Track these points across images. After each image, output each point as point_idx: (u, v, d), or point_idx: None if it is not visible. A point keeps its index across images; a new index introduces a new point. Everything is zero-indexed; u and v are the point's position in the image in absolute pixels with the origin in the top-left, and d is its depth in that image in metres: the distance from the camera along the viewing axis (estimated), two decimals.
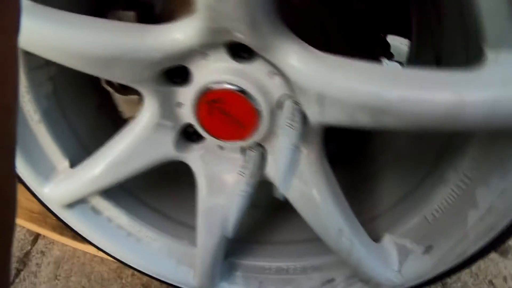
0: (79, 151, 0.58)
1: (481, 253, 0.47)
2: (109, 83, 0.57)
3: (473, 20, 0.33)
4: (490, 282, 0.79)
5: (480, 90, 0.33)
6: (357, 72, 0.37)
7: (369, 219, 0.58)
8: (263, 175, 0.51)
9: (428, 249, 0.50)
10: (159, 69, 0.43)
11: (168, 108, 0.49)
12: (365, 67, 0.37)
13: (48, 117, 0.54)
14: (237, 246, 0.65)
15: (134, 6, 0.52)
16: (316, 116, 0.41)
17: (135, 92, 0.56)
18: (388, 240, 0.54)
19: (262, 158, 0.51)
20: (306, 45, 0.39)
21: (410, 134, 0.60)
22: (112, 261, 0.78)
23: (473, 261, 0.48)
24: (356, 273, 0.54)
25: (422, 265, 0.50)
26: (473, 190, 0.44)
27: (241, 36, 0.37)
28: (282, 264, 0.62)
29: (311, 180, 0.47)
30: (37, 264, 0.76)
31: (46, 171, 0.56)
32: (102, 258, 0.79)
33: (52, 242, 0.79)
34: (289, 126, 0.40)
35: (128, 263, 0.64)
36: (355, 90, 0.37)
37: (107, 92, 0.59)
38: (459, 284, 0.79)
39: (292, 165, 0.38)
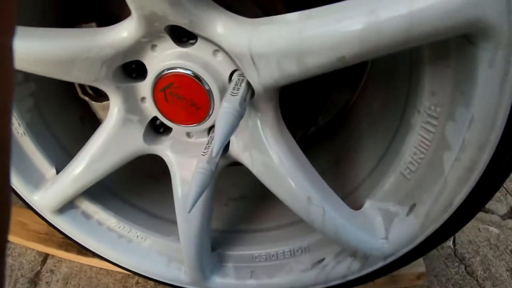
0: (65, 158, 0.62)
1: (470, 202, 0.43)
2: (85, 93, 0.61)
3: None
4: None
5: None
6: (273, 23, 0.38)
7: (352, 191, 0.57)
8: (228, 155, 0.52)
9: (412, 208, 0.48)
10: (114, 66, 0.47)
11: (132, 103, 0.52)
12: (279, 18, 0.38)
13: (31, 130, 0.58)
14: (225, 237, 0.65)
15: (95, 17, 0.56)
16: (257, 78, 0.42)
17: (108, 98, 0.60)
18: (369, 207, 0.52)
19: None
20: (228, 12, 0.41)
21: (381, 98, 0.59)
22: (117, 272, 0.80)
23: (464, 216, 0.45)
24: (342, 247, 0.53)
25: (409, 227, 0.48)
26: (441, 130, 0.42)
27: (170, 17, 0.40)
28: (271, 250, 0.61)
29: (270, 149, 0.48)
30: (47, 282, 0.79)
31: (35, 180, 0.60)
32: (107, 271, 0.81)
33: (60, 260, 0.83)
34: (231, 94, 0.42)
35: (122, 265, 0.65)
36: (275, 40, 0.37)
37: (87, 103, 0.63)
38: (478, 258, 0.73)
39: (232, 129, 0.39)
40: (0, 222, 0.20)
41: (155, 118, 0.54)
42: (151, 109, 0.52)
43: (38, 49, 0.45)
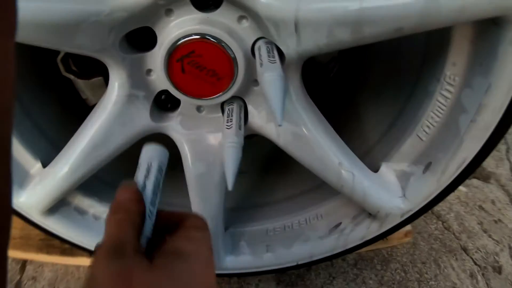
0: (49, 149, 0.54)
1: (480, 157, 0.47)
2: (69, 70, 0.53)
3: None
4: (480, 207, 0.82)
5: None
6: None
7: (364, 153, 0.58)
8: (247, 127, 0.49)
9: (427, 167, 0.50)
10: (123, 33, 0.41)
11: (138, 77, 0.46)
12: None
13: None
14: (235, 215, 0.63)
15: None
16: (295, 46, 0.40)
17: (98, 73, 0.52)
18: (386, 169, 0.54)
19: (245, 110, 0.49)
20: None
21: (391, 60, 0.60)
22: None
23: (474, 168, 0.49)
24: (364, 208, 0.54)
25: (426, 184, 0.51)
26: (458, 96, 0.45)
27: None
28: (285, 221, 0.61)
29: (299, 119, 0.46)
30: None
31: (19, 179, 0.51)
32: None
33: (41, 264, 0.74)
34: (270, 62, 0.39)
35: None
36: (330, 7, 0.36)
37: (68, 82, 0.55)
38: (452, 215, 0.82)
39: (284, 94, 0.37)
40: (2, 223, 0.20)
41: (160, 93, 0.49)
42: (158, 82, 0.47)
43: (36, 9, 0.37)
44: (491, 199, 0.83)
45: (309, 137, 0.47)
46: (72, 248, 0.72)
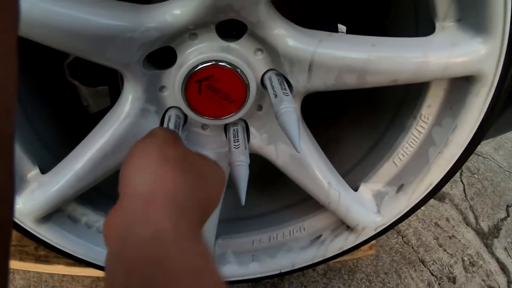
0: (47, 155, 0.54)
1: (444, 181, 0.56)
2: (74, 75, 0.54)
3: (427, 2, 0.44)
4: (436, 224, 0.94)
5: (436, 48, 0.43)
6: (343, 41, 0.43)
7: (343, 174, 0.65)
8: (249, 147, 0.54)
9: (400, 188, 0.59)
10: (150, 50, 0.43)
11: (152, 93, 0.49)
12: (349, 37, 0.44)
13: None
14: (223, 226, 0.67)
15: None
16: (305, 83, 0.46)
17: (103, 83, 0.54)
18: (364, 188, 0.61)
19: (246, 131, 0.54)
20: (289, 22, 0.44)
21: (370, 95, 0.68)
22: (84, 276, 0.73)
23: (439, 189, 0.58)
24: (343, 222, 0.61)
25: (398, 203, 0.59)
26: (429, 132, 0.54)
27: (243, 12, 0.40)
28: (271, 233, 0.66)
29: None
30: None
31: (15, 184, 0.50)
32: (72, 277, 0.72)
33: (12, 271, 0.70)
34: (284, 94, 0.44)
35: None
36: (343, 55, 0.43)
37: (70, 87, 0.56)
38: (411, 230, 0.92)
39: (299, 125, 0.42)
40: (4, 222, 0.21)
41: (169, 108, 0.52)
42: (170, 99, 0.50)
43: (76, 20, 0.38)
44: (446, 217, 0.95)
45: (304, 159, 0.53)
46: (47, 256, 0.71)
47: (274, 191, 0.71)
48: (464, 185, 1.04)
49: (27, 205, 0.50)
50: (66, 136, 0.54)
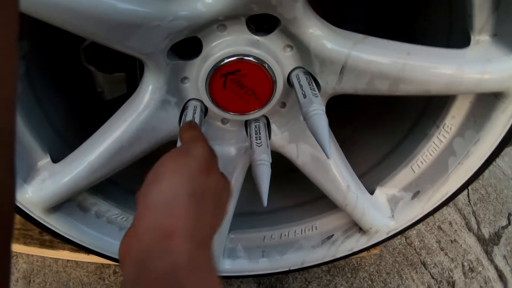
0: (58, 142, 0.52)
1: (460, 190, 0.56)
2: (90, 60, 0.51)
3: (464, 13, 0.42)
4: (439, 227, 0.94)
5: (470, 62, 0.42)
6: (378, 46, 0.41)
7: (359, 176, 0.64)
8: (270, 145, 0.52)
9: (416, 194, 0.58)
10: (176, 40, 0.41)
11: (173, 84, 0.46)
12: (384, 42, 0.42)
13: (23, 105, 0.46)
14: (234, 221, 0.66)
15: None
16: (334, 85, 0.44)
17: (121, 69, 0.52)
18: (379, 192, 0.61)
19: (268, 128, 0.52)
20: (324, 21, 0.42)
21: (391, 99, 0.67)
22: (89, 262, 0.72)
23: (453, 198, 0.57)
24: (359, 224, 0.60)
25: (412, 209, 0.58)
26: (451, 142, 0.54)
27: (280, 8, 0.38)
28: (282, 230, 0.65)
29: None
30: None
31: (24, 173, 0.48)
32: (76, 262, 0.71)
33: (15, 255, 0.69)
34: (314, 95, 0.42)
35: None
36: (378, 61, 0.41)
37: (84, 73, 0.53)
38: (414, 232, 0.92)
39: (327, 128, 0.40)
40: (5, 218, 0.21)
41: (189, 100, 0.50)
42: (191, 91, 0.48)
43: (100, 4, 0.35)
44: (449, 221, 0.95)
45: (325, 161, 0.51)
46: (52, 241, 0.69)
47: (287, 187, 0.70)
48: (468, 190, 1.05)
49: (37, 194, 0.48)
50: (78, 124, 0.51)
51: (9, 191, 0.20)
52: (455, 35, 0.49)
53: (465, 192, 1.04)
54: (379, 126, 0.67)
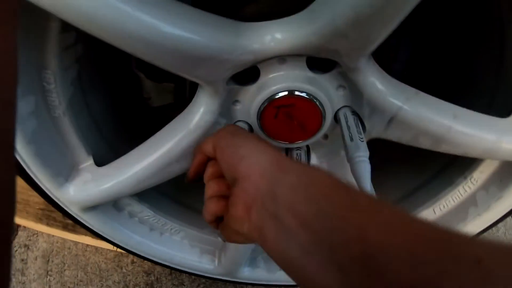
0: (102, 146, 0.53)
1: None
2: (140, 67, 0.51)
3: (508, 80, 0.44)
4: None
5: (510, 133, 0.43)
6: (428, 104, 0.42)
7: None
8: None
9: None
10: (239, 70, 0.41)
11: (226, 107, 0.47)
12: (435, 101, 0.43)
13: (72, 107, 0.47)
14: None
15: None
16: (379, 131, 0.46)
17: (171, 79, 0.52)
18: None
19: (307, 156, 0.53)
20: (383, 71, 0.42)
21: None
22: (108, 249, 0.74)
23: None
24: None
25: None
26: (475, 193, 0.56)
27: (343, 58, 0.38)
28: None
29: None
30: (22, 260, 0.68)
31: (67, 172, 0.49)
32: (96, 248, 0.74)
33: (36, 233, 0.71)
34: (360, 140, 0.44)
35: (151, 258, 0.62)
36: (426, 119, 0.42)
37: (133, 78, 0.53)
38: None
39: (370, 175, 0.42)
40: (5, 219, 0.20)
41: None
42: (241, 114, 0.48)
43: (179, 39, 0.35)
44: None
45: None
46: (75, 225, 0.71)
47: None
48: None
49: (78, 194, 0.50)
50: (124, 129, 0.52)
51: (9, 193, 0.20)
52: (498, 101, 0.50)
53: (501, 231, 1.06)
54: (409, 161, 0.68)
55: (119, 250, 0.73)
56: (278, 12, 0.39)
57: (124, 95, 0.57)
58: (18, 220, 0.69)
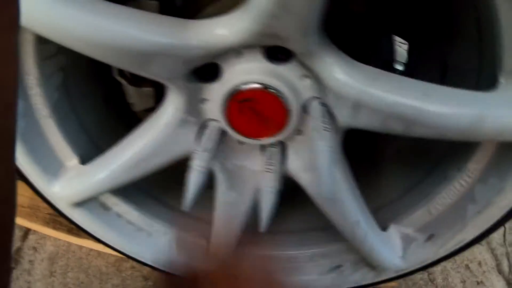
0: (89, 146, 0.56)
1: (477, 239, 0.53)
2: (122, 74, 0.55)
3: (493, 52, 0.39)
4: (467, 266, 0.88)
5: (495, 108, 0.39)
6: (394, 85, 0.40)
7: (374, 209, 0.62)
8: (284, 171, 0.53)
9: (430, 237, 0.56)
10: (194, 66, 0.43)
11: (193, 104, 0.49)
12: (401, 80, 0.40)
13: (57, 111, 0.51)
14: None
15: None
16: (348, 119, 0.44)
17: (150, 84, 0.55)
18: (393, 230, 0.59)
19: (283, 154, 0.53)
20: (343, 54, 0.41)
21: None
22: (110, 254, 0.77)
23: (469, 246, 0.54)
24: (366, 259, 0.59)
25: (424, 252, 0.56)
26: (472, 188, 0.51)
27: (291, 43, 0.38)
28: (292, 252, 0.65)
29: (336, 177, 0.50)
30: (30, 261, 0.73)
31: (54, 169, 0.53)
32: (99, 252, 0.77)
33: (44, 237, 0.76)
34: (325, 130, 0.42)
35: (139, 258, 0.63)
36: (393, 101, 0.40)
37: (115, 83, 0.57)
38: (439, 268, 0.87)
39: (333, 166, 0.40)
40: (5, 219, 0.21)
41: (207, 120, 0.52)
42: (210, 112, 0.50)
43: (127, 37, 0.39)
44: (479, 260, 0.88)
45: (337, 194, 0.51)
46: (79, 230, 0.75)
47: (299, 210, 0.70)
48: (505, 229, 0.97)
49: (64, 190, 0.53)
50: (110, 130, 0.55)
51: (9, 194, 0.21)
52: (484, 75, 0.46)
53: (501, 230, 0.97)
54: (401, 160, 0.64)
55: (119, 255, 0.75)
56: None
57: (111, 98, 0.61)
58: (28, 224, 0.75)
